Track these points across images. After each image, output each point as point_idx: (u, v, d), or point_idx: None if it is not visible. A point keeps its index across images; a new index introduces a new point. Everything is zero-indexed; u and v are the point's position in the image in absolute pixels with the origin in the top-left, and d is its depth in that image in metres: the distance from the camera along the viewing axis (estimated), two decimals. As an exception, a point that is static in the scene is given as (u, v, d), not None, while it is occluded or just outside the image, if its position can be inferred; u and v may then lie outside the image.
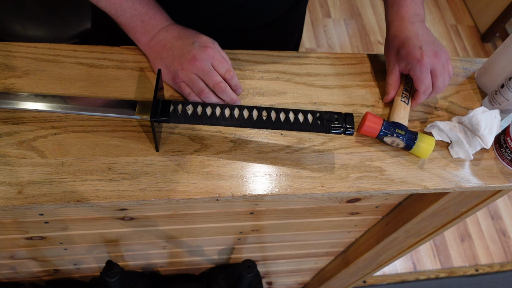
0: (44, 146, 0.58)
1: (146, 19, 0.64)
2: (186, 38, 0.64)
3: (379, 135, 0.65)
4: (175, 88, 0.65)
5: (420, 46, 0.66)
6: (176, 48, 0.63)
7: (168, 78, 0.65)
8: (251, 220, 0.93)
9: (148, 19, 0.64)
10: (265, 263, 1.31)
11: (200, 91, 0.62)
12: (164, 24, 0.65)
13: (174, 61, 0.63)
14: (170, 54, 0.63)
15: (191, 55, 0.62)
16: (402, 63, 0.68)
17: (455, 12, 2.72)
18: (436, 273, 1.91)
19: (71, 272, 1.12)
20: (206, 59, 0.62)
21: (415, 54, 0.66)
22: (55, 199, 0.55)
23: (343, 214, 0.97)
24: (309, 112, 0.60)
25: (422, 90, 0.68)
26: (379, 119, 0.65)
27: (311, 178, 0.63)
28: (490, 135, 0.65)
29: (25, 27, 1.24)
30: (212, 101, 0.63)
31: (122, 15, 0.63)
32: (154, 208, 0.80)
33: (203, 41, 0.63)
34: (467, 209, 0.83)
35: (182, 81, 0.63)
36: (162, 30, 0.65)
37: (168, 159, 0.60)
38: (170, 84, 0.66)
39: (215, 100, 0.63)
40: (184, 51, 0.62)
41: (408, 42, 0.67)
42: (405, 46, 0.67)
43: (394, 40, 0.70)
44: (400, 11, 0.70)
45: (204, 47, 0.63)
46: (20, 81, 0.63)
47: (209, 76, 0.62)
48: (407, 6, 0.70)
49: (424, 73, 0.66)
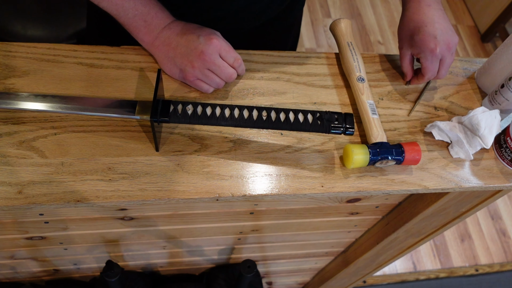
0: (44, 146, 0.58)
1: (148, 19, 0.64)
2: (190, 34, 0.63)
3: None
4: (191, 85, 0.66)
5: (435, 36, 0.67)
6: (181, 45, 0.63)
7: (180, 76, 0.65)
8: (251, 220, 0.93)
9: (150, 18, 0.64)
10: (265, 263, 1.31)
11: (218, 86, 0.66)
12: (166, 22, 0.65)
13: (183, 60, 0.63)
14: (177, 52, 0.64)
15: (199, 50, 0.62)
16: (415, 49, 0.69)
17: (455, 12, 2.72)
18: (436, 273, 1.91)
19: (71, 272, 1.12)
20: (214, 51, 0.62)
21: (429, 44, 0.67)
22: (55, 199, 0.55)
23: (343, 214, 0.97)
24: (309, 112, 0.60)
25: (428, 76, 0.71)
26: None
27: (311, 178, 0.63)
28: (490, 135, 0.65)
29: (25, 27, 1.24)
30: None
31: (124, 16, 0.63)
32: (154, 208, 0.80)
33: (207, 33, 0.63)
34: (467, 209, 0.83)
35: (197, 78, 0.64)
36: (165, 29, 0.65)
37: (168, 159, 0.60)
38: (185, 82, 0.66)
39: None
40: (191, 47, 0.63)
41: (423, 30, 0.68)
42: (420, 33, 0.68)
43: (410, 24, 0.70)
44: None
45: (209, 39, 0.62)
46: (20, 81, 0.63)
47: (221, 70, 0.63)
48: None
49: (434, 63, 0.69)
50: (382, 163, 0.63)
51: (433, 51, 0.67)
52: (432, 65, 0.69)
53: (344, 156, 0.64)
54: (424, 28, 0.68)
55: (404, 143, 0.64)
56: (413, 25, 0.69)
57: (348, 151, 0.62)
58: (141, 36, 0.65)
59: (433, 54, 0.67)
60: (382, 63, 0.76)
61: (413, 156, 0.63)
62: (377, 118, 0.66)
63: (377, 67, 0.76)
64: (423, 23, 0.68)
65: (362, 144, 0.64)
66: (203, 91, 0.66)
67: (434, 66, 0.69)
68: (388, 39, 2.49)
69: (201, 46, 0.62)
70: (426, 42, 0.67)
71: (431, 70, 0.70)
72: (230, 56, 0.64)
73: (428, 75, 0.70)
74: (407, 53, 0.71)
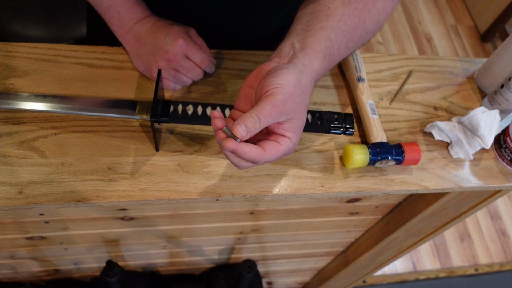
0: (44, 146, 0.58)
1: (122, 11, 0.63)
2: (158, 32, 0.62)
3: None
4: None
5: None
6: (149, 43, 0.62)
7: (147, 74, 0.65)
8: (251, 220, 0.93)
9: (124, 11, 0.63)
10: (265, 263, 1.31)
11: (184, 84, 0.65)
12: (140, 17, 0.64)
13: (149, 58, 0.63)
14: (145, 50, 0.63)
15: (164, 50, 0.61)
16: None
17: (454, 12, 2.72)
18: (436, 273, 1.92)
19: (71, 272, 1.12)
20: (179, 52, 0.61)
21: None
22: (55, 199, 0.55)
23: (343, 214, 0.97)
24: (309, 112, 0.60)
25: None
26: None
27: (311, 178, 0.63)
28: (490, 135, 0.65)
29: (25, 27, 1.24)
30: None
31: (99, 5, 0.63)
32: (154, 208, 0.81)
33: (175, 32, 0.62)
34: (467, 209, 0.83)
35: (163, 77, 0.63)
36: (137, 24, 0.64)
37: (168, 159, 0.60)
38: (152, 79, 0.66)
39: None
40: (157, 46, 0.62)
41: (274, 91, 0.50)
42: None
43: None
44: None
45: (175, 39, 0.61)
46: (21, 81, 0.63)
47: (187, 71, 0.63)
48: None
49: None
50: (382, 163, 0.63)
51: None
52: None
53: (344, 156, 0.64)
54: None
55: (404, 143, 0.64)
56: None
57: (348, 151, 0.62)
58: (114, 28, 0.65)
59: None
60: (382, 63, 0.76)
61: (413, 156, 0.63)
62: (377, 118, 0.66)
63: (377, 67, 0.76)
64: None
65: (362, 144, 0.64)
66: (170, 89, 0.65)
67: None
68: (388, 39, 2.49)
69: (167, 46, 0.61)
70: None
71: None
72: (197, 57, 0.63)
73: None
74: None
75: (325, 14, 0.54)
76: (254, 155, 0.46)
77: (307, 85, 0.50)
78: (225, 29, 0.74)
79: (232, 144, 0.45)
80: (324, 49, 0.53)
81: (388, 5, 0.58)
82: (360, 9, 0.55)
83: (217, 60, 0.69)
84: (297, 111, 0.48)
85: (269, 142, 0.48)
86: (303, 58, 0.51)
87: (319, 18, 0.54)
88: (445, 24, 2.65)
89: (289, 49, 0.53)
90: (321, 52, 0.52)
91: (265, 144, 0.48)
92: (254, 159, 0.47)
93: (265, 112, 0.46)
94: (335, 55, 0.54)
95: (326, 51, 0.53)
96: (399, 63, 0.77)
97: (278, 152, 0.48)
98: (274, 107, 0.46)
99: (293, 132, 0.49)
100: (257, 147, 0.47)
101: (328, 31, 0.53)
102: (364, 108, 0.67)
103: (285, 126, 0.48)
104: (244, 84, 0.52)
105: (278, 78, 0.47)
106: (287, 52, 0.53)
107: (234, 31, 0.75)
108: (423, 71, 0.78)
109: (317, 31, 0.53)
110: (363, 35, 0.57)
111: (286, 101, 0.47)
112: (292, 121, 0.48)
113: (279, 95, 0.46)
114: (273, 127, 0.49)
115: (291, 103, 0.47)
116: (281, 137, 0.49)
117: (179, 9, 0.70)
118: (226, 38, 0.76)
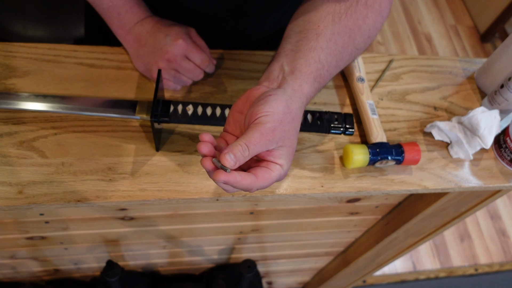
0: (44, 146, 0.58)
1: (122, 12, 0.63)
2: (158, 32, 0.63)
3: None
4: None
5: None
6: (149, 44, 0.63)
7: (147, 74, 0.65)
8: (251, 220, 0.93)
9: (124, 12, 0.63)
10: (265, 263, 1.31)
11: (185, 84, 0.65)
12: (140, 18, 0.64)
13: (149, 59, 0.63)
14: (145, 51, 0.63)
15: (164, 51, 0.61)
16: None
17: (454, 12, 2.72)
18: (435, 273, 1.92)
19: (71, 271, 1.12)
20: (179, 53, 0.61)
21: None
22: (55, 199, 0.55)
23: (343, 214, 0.97)
24: (309, 112, 0.60)
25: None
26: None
27: (311, 178, 0.63)
28: (489, 135, 0.66)
29: (25, 27, 1.24)
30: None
31: (100, 5, 0.63)
32: (154, 208, 0.81)
33: (175, 33, 0.62)
34: (467, 209, 0.83)
35: (164, 77, 0.63)
36: (137, 24, 0.64)
37: (168, 159, 0.60)
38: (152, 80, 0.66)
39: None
40: (157, 47, 0.62)
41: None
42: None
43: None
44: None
45: (175, 40, 0.61)
46: (21, 81, 0.63)
47: (187, 71, 0.63)
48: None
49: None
50: (382, 163, 0.63)
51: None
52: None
53: (344, 156, 0.64)
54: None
55: (404, 143, 0.64)
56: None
57: (348, 151, 0.62)
58: (115, 29, 0.65)
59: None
60: (382, 63, 0.76)
61: (413, 156, 0.63)
62: (377, 118, 0.67)
63: (377, 67, 0.76)
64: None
65: (362, 144, 0.64)
66: (170, 89, 0.65)
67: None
68: (388, 39, 2.49)
69: (167, 46, 0.61)
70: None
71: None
72: (197, 58, 0.63)
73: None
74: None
75: (315, 33, 0.53)
76: (247, 183, 0.45)
77: (297, 111, 0.49)
78: (224, 31, 0.74)
79: (223, 176, 0.43)
80: (314, 72, 0.51)
81: (379, 20, 0.57)
82: (350, 27, 0.54)
83: (217, 60, 0.70)
84: (287, 139, 0.47)
85: (261, 168, 0.47)
86: (292, 82, 0.50)
87: (309, 38, 0.53)
88: (445, 24, 2.65)
89: (278, 72, 0.52)
90: (311, 75, 0.51)
91: (257, 171, 0.46)
92: (247, 187, 0.45)
93: (254, 141, 0.44)
94: (325, 76, 0.53)
95: (316, 73, 0.51)
96: (399, 63, 0.77)
97: (271, 179, 0.47)
98: (263, 136, 0.45)
99: (284, 159, 0.47)
100: (249, 175, 0.45)
101: (318, 52, 0.52)
102: (364, 108, 0.67)
103: (276, 154, 0.47)
104: (233, 109, 0.51)
105: (267, 105, 0.46)
106: (276, 76, 0.52)
107: (233, 32, 0.75)
108: (423, 71, 0.78)
109: (306, 52, 0.52)
110: (353, 52, 0.56)
111: (275, 129, 0.45)
112: (282, 148, 0.47)
113: (268, 123, 0.45)
114: (263, 155, 0.47)
115: (280, 131, 0.46)
116: (272, 164, 0.47)
117: (179, 11, 0.70)
118: (226, 39, 0.76)
